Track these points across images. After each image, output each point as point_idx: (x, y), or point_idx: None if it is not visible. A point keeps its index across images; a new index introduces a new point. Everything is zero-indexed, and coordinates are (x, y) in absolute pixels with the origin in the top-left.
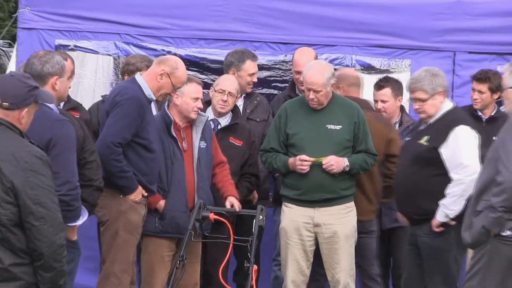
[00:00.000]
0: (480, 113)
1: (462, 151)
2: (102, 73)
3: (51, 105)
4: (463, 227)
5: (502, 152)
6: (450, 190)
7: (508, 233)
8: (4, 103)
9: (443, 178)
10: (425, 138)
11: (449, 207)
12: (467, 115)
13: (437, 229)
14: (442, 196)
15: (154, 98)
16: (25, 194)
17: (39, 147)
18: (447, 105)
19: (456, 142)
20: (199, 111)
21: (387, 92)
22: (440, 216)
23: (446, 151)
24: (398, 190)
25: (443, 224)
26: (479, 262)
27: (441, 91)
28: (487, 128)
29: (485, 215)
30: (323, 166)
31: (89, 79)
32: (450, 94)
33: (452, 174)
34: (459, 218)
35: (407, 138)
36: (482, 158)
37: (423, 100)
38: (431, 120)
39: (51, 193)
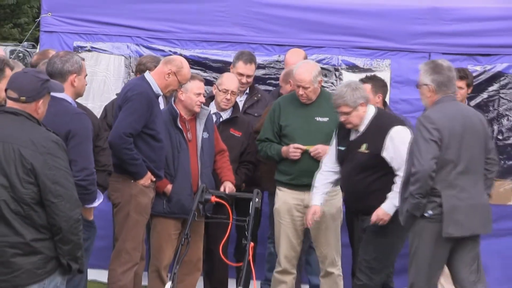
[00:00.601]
0: None
1: (402, 152)
2: (113, 72)
3: (70, 100)
4: (399, 213)
5: (415, 147)
6: (398, 187)
7: (430, 213)
8: (21, 98)
9: (389, 176)
10: (364, 146)
11: (396, 199)
12: (390, 113)
13: (382, 221)
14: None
15: (161, 93)
16: (44, 174)
17: (54, 133)
18: (371, 111)
19: (394, 144)
20: (202, 105)
21: (366, 88)
22: (389, 209)
23: (388, 154)
24: (349, 194)
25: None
26: (414, 242)
27: (362, 102)
28: None
29: (408, 201)
30: (311, 154)
31: (103, 77)
32: None
33: (399, 173)
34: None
35: (342, 148)
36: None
37: (347, 113)
38: (362, 128)
39: (67, 173)
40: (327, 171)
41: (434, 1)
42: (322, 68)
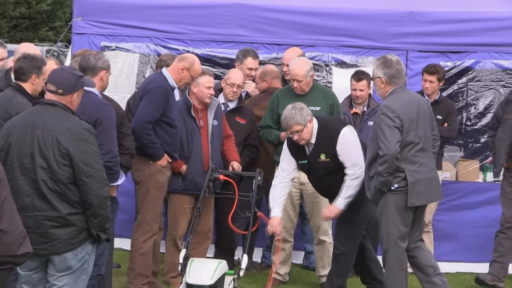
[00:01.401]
0: (427, 98)
1: (350, 151)
2: (133, 67)
3: (97, 92)
4: (366, 189)
5: (380, 133)
6: (349, 183)
7: (396, 186)
8: (59, 90)
9: None
10: (323, 156)
11: (351, 196)
12: (330, 118)
13: (333, 215)
14: None
15: (176, 86)
16: (77, 158)
17: (87, 122)
18: (315, 123)
19: (342, 148)
20: (212, 97)
21: (364, 83)
22: (343, 205)
23: (341, 158)
24: (321, 191)
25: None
26: (382, 213)
27: (310, 118)
28: (433, 108)
29: (376, 179)
30: None
31: (126, 72)
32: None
33: (347, 171)
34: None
35: (304, 161)
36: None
37: (299, 131)
38: (313, 141)
39: (97, 156)
40: (283, 182)
41: (410, 5)
42: (314, 64)
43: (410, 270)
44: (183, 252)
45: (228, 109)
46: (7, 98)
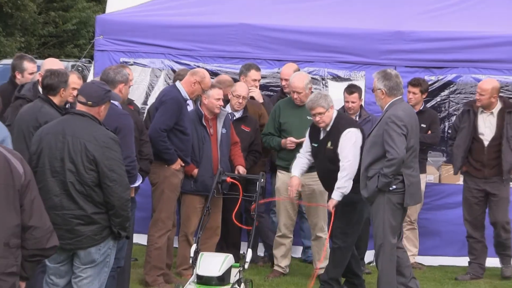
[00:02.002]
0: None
1: (345, 148)
2: (144, 80)
3: (116, 103)
4: (361, 187)
5: (389, 138)
6: (339, 175)
7: (394, 187)
8: (88, 102)
9: None
10: (329, 143)
11: (342, 187)
12: (346, 116)
13: (332, 209)
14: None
15: (189, 98)
16: (103, 163)
17: (112, 132)
18: (334, 114)
19: (341, 143)
20: (221, 107)
21: (356, 96)
22: (337, 196)
23: (339, 149)
24: (323, 180)
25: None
26: (378, 211)
27: (331, 105)
28: (418, 118)
29: (377, 179)
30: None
31: (142, 84)
32: None
33: (340, 163)
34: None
35: (315, 144)
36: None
37: (322, 113)
38: (328, 128)
39: (120, 163)
40: (304, 155)
41: (398, 25)
42: (312, 78)
43: None
44: (194, 247)
45: (234, 118)
46: (36, 108)
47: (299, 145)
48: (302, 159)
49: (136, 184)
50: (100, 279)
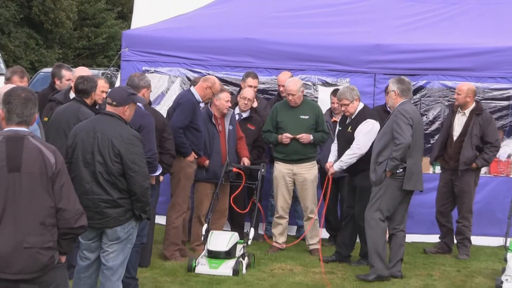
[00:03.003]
0: (389, 108)
1: (359, 134)
2: (162, 85)
3: (140, 105)
4: (370, 171)
5: (397, 127)
6: (348, 151)
7: (399, 171)
8: (113, 102)
9: None
10: (349, 128)
11: (344, 162)
12: (370, 110)
13: (332, 175)
14: (366, 159)
15: (201, 101)
16: (127, 157)
17: (136, 129)
18: (360, 106)
19: (359, 129)
20: (228, 108)
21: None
22: (337, 167)
23: (355, 134)
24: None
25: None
26: (379, 193)
27: (356, 98)
28: None
29: (385, 165)
30: (299, 139)
31: (161, 89)
32: (372, 98)
33: (353, 145)
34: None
35: (340, 128)
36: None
37: (347, 104)
38: (353, 116)
39: (142, 156)
40: (335, 144)
41: (377, 39)
42: (304, 83)
43: None
44: (205, 226)
45: (242, 117)
46: (75, 109)
47: (293, 141)
48: (334, 146)
49: (157, 173)
50: (124, 254)
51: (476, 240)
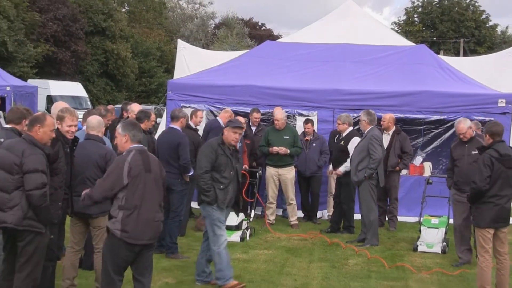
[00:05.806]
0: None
1: (351, 148)
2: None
3: (179, 129)
4: (351, 175)
5: (372, 147)
6: (348, 160)
7: (374, 175)
8: None
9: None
10: (343, 142)
11: (345, 166)
12: (357, 132)
13: (339, 174)
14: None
15: (224, 126)
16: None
17: (175, 146)
18: (349, 129)
19: (350, 144)
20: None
21: (310, 125)
22: (342, 169)
23: (348, 147)
24: (335, 160)
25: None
26: (364, 189)
27: (346, 123)
28: (345, 138)
29: (365, 171)
30: (280, 152)
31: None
32: (332, 124)
33: (348, 156)
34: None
35: (335, 141)
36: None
37: (339, 124)
38: (344, 134)
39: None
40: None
41: (336, 85)
42: (287, 114)
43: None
44: None
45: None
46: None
47: (278, 153)
48: (348, 162)
49: (189, 174)
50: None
51: (401, 218)
